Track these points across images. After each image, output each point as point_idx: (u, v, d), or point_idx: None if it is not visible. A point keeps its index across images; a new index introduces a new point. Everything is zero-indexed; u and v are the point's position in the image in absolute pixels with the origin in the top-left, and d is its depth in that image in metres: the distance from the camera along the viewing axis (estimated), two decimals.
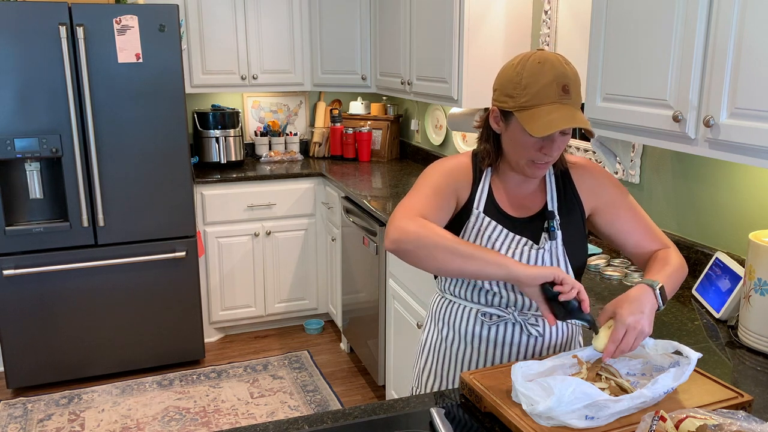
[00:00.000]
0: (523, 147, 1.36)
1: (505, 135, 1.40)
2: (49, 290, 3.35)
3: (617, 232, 1.51)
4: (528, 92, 1.31)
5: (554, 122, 1.28)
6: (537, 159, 1.37)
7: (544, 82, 1.30)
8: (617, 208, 1.51)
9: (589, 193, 1.50)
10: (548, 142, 1.35)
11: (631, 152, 2.38)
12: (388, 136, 4.35)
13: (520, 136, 1.35)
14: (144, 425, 3.09)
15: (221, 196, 3.82)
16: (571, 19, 2.69)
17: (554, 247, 1.44)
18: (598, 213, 1.51)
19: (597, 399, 1.14)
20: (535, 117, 1.30)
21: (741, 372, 1.48)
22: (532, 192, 1.49)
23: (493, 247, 1.42)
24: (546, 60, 1.32)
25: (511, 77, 1.34)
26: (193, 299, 3.63)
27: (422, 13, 3.20)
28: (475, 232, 1.44)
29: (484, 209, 1.45)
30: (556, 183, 1.49)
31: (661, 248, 1.51)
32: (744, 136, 1.47)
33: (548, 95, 1.30)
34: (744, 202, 1.97)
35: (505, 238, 1.43)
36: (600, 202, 1.50)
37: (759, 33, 1.42)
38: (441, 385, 1.57)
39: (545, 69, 1.31)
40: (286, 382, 3.51)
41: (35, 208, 3.33)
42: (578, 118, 1.30)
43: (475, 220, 1.44)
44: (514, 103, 1.33)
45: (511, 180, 1.47)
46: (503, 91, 1.36)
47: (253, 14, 3.98)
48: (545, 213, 1.46)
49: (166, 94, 3.35)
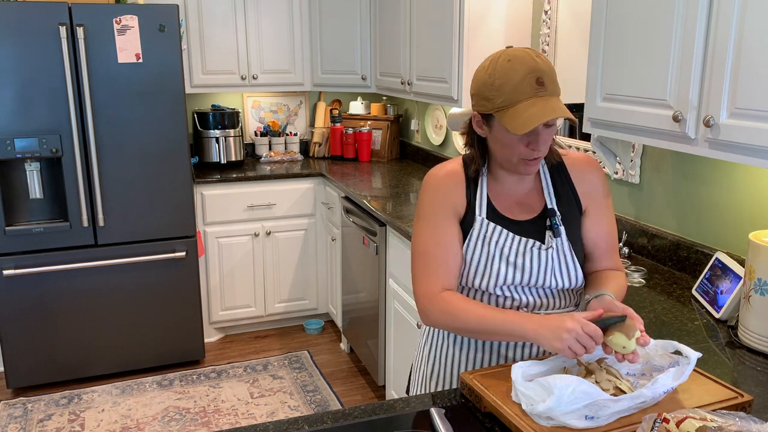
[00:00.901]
0: (510, 146, 1.36)
1: (491, 137, 1.40)
2: (49, 290, 3.35)
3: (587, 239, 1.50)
4: (503, 92, 1.31)
5: (534, 117, 1.28)
6: (526, 156, 1.37)
7: (517, 80, 1.30)
8: (599, 214, 1.50)
9: (586, 193, 1.50)
10: (533, 137, 1.34)
11: (631, 152, 2.38)
12: (388, 136, 4.35)
13: (505, 137, 1.35)
14: (144, 425, 3.09)
15: (221, 196, 3.82)
16: (571, 19, 2.69)
17: (560, 243, 1.44)
18: (585, 214, 1.50)
19: (597, 399, 1.14)
20: (515, 115, 1.30)
21: (741, 372, 1.48)
22: (529, 191, 1.48)
23: (501, 253, 1.42)
24: (515, 57, 1.31)
25: (485, 80, 1.34)
26: (193, 299, 3.63)
27: (422, 13, 3.21)
28: (481, 240, 1.43)
29: (487, 215, 1.44)
30: (551, 177, 1.49)
31: (614, 268, 1.52)
32: (744, 136, 1.47)
33: (523, 91, 1.30)
34: (744, 202, 1.97)
35: (512, 242, 1.43)
36: (591, 204, 1.50)
37: (759, 33, 1.42)
38: (443, 387, 1.56)
39: (515, 66, 1.30)
40: (286, 382, 3.51)
41: (35, 208, 3.33)
42: (557, 108, 1.30)
43: (479, 227, 1.43)
44: (492, 106, 1.33)
45: (506, 182, 1.47)
46: (480, 96, 1.36)
47: (253, 14, 3.98)
48: (546, 212, 1.46)
49: (166, 94, 3.35)
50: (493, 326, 1.33)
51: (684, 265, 2.17)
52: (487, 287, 1.43)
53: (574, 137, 2.76)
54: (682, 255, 2.18)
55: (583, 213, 1.50)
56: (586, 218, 1.50)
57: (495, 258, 1.42)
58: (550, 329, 1.26)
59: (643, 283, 2.07)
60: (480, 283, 1.43)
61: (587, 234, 1.50)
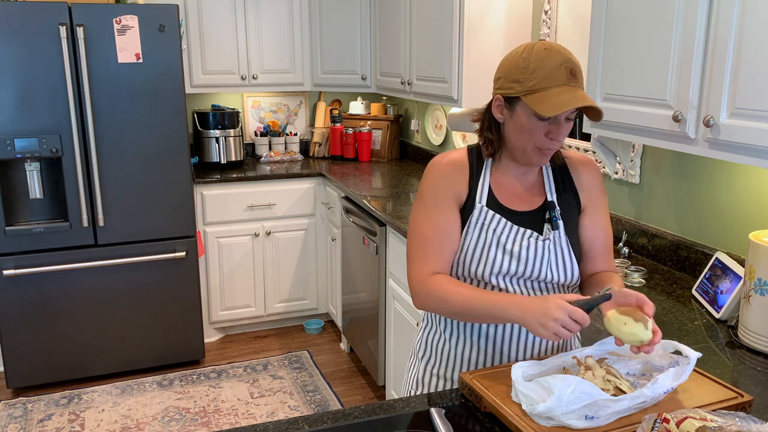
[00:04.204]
0: (530, 132, 1.37)
1: (510, 122, 1.40)
2: (49, 290, 3.35)
3: (585, 239, 1.51)
4: (536, 76, 1.32)
5: (565, 102, 1.29)
6: (543, 145, 1.37)
7: (552, 66, 1.32)
8: (596, 214, 1.52)
9: (585, 191, 1.51)
10: (555, 126, 1.35)
11: (631, 152, 2.38)
12: (388, 136, 4.35)
13: (527, 121, 1.36)
14: (144, 425, 3.09)
15: (221, 196, 3.82)
16: (571, 19, 2.69)
17: (557, 237, 1.45)
18: (583, 213, 1.52)
19: (597, 399, 1.14)
20: (545, 99, 1.31)
21: (741, 372, 1.48)
22: (530, 185, 1.49)
23: (498, 241, 1.42)
24: (552, 47, 1.34)
25: (518, 63, 1.35)
26: (193, 299, 3.63)
27: (422, 13, 3.21)
28: (479, 227, 1.43)
29: (487, 203, 1.45)
30: (554, 176, 1.50)
31: (608, 270, 1.53)
32: (744, 136, 1.47)
33: (557, 78, 1.31)
34: (744, 202, 1.97)
35: (510, 230, 1.43)
36: (589, 203, 1.52)
37: (759, 33, 1.42)
38: (443, 387, 1.56)
39: (552, 54, 1.33)
40: (286, 382, 3.51)
41: (35, 208, 3.33)
42: (588, 99, 1.32)
43: (478, 214, 1.44)
44: (521, 88, 1.34)
45: (510, 173, 1.48)
46: (509, 78, 1.36)
47: (253, 14, 3.98)
48: (546, 205, 1.47)
49: (166, 94, 3.35)
50: (480, 308, 1.34)
51: (684, 265, 2.17)
52: (482, 275, 1.43)
53: (574, 137, 2.76)
54: (682, 255, 2.18)
55: (582, 211, 1.51)
56: (584, 216, 1.51)
57: (492, 245, 1.42)
58: (536, 315, 1.26)
59: (643, 283, 2.07)
60: (476, 270, 1.43)
61: (584, 232, 1.51)
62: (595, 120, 1.37)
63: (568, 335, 1.24)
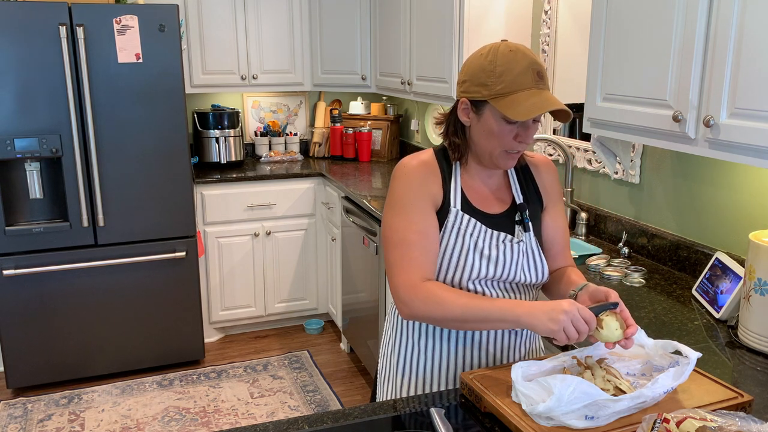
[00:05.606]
0: (498, 136, 1.36)
1: (477, 126, 1.39)
2: (49, 290, 3.35)
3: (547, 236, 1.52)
4: (504, 79, 1.31)
5: (536, 106, 1.29)
6: (510, 148, 1.37)
7: (519, 70, 1.30)
8: (557, 212, 1.53)
9: (546, 191, 1.53)
10: (523, 129, 1.35)
11: (631, 152, 2.38)
12: (388, 136, 4.35)
13: (496, 125, 1.35)
14: (144, 425, 3.09)
15: (221, 196, 3.82)
16: (571, 19, 2.69)
17: (528, 238, 1.46)
18: (545, 212, 1.53)
19: (597, 399, 1.14)
20: (515, 103, 1.30)
21: (741, 372, 1.48)
22: (497, 188, 1.49)
23: (475, 246, 1.40)
24: (517, 49, 1.33)
25: (484, 66, 1.33)
26: (193, 299, 3.63)
27: (422, 13, 3.21)
28: (455, 232, 1.41)
29: (461, 207, 1.44)
30: (517, 177, 1.51)
31: (569, 266, 1.54)
32: (744, 136, 1.47)
33: (524, 81, 1.31)
34: (744, 202, 1.97)
35: (485, 235, 1.42)
36: (550, 202, 1.53)
37: (759, 33, 1.42)
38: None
39: (518, 57, 1.32)
40: (286, 382, 3.51)
41: (35, 208, 3.33)
42: (556, 101, 1.31)
43: (454, 219, 1.42)
44: (488, 92, 1.32)
45: (477, 175, 1.47)
46: (475, 81, 1.35)
47: (253, 14, 3.98)
48: (515, 207, 1.48)
49: (166, 94, 3.35)
50: (485, 314, 1.30)
51: (684, 265, 2.17)
52: (459, 281, 1.41)
53: (574, 137, 2.76)
54: (682, 255, 2.18)
55: (543, 210, 1.53)
56: (546, 215, 1.53)
57: (469, 251, 1.40)
58: (545, 311, 1.25)
59: (643, 283, 2.07)
60: (453, 276, 1.41)
61: (546, 231, 1.52)
62: (563, 121, 1.37)
63: (576, 334, 1.23)
